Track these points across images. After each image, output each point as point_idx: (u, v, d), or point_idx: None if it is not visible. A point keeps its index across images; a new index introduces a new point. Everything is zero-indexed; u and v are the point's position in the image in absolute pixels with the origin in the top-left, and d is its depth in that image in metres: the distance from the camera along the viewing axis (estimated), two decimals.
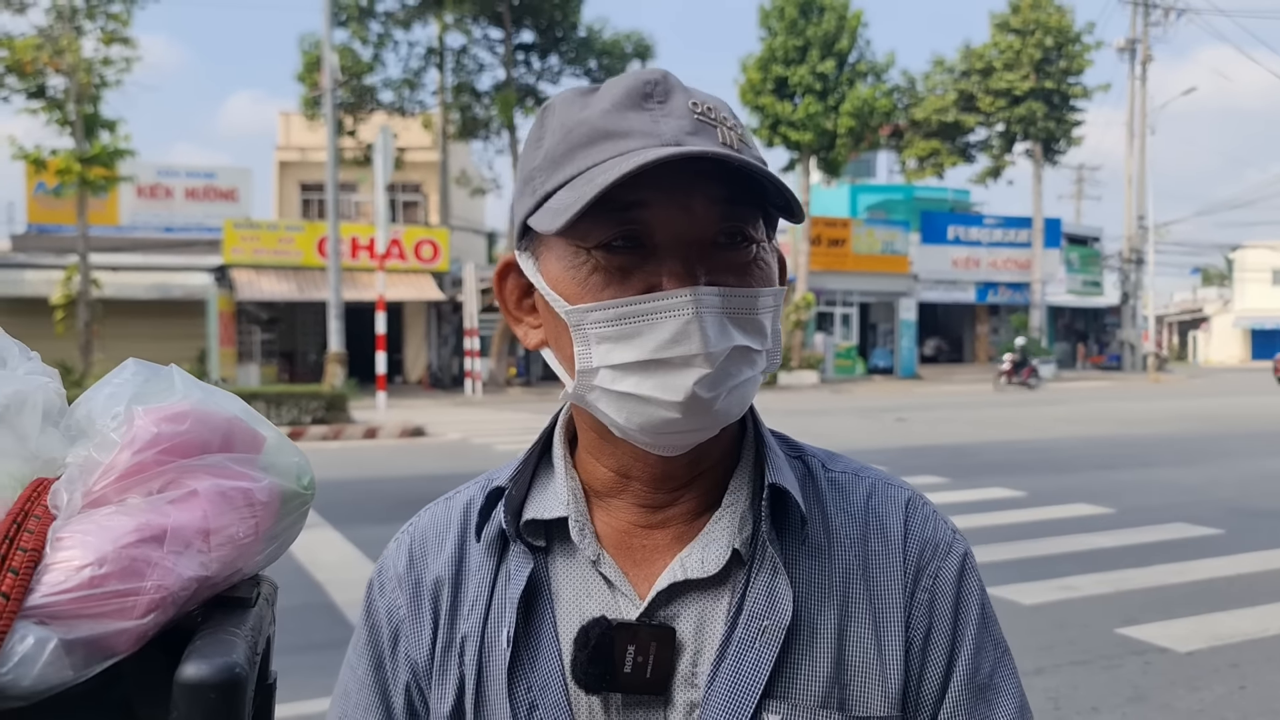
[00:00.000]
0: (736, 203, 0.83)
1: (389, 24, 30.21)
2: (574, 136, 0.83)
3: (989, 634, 0.93)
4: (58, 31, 20.41)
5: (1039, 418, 19.86)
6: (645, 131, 0.81)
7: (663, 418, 0.82)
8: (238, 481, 0.71)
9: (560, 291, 0.85)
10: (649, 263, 0.82)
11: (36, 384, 0.72)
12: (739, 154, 0.81)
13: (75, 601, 0.62)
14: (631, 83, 0.84)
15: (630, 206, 0.81)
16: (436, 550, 0.97)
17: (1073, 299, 42.43)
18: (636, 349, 0.81)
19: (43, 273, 24.94)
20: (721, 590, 0.89)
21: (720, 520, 0.90)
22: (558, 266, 0.85)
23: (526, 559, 0.91)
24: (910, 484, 1.00)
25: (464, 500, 1.00)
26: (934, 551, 0.93)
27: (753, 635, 0.86)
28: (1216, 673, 5.17)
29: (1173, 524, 8.87)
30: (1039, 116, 36.49)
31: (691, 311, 0.80)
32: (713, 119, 0.84)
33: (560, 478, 0.94)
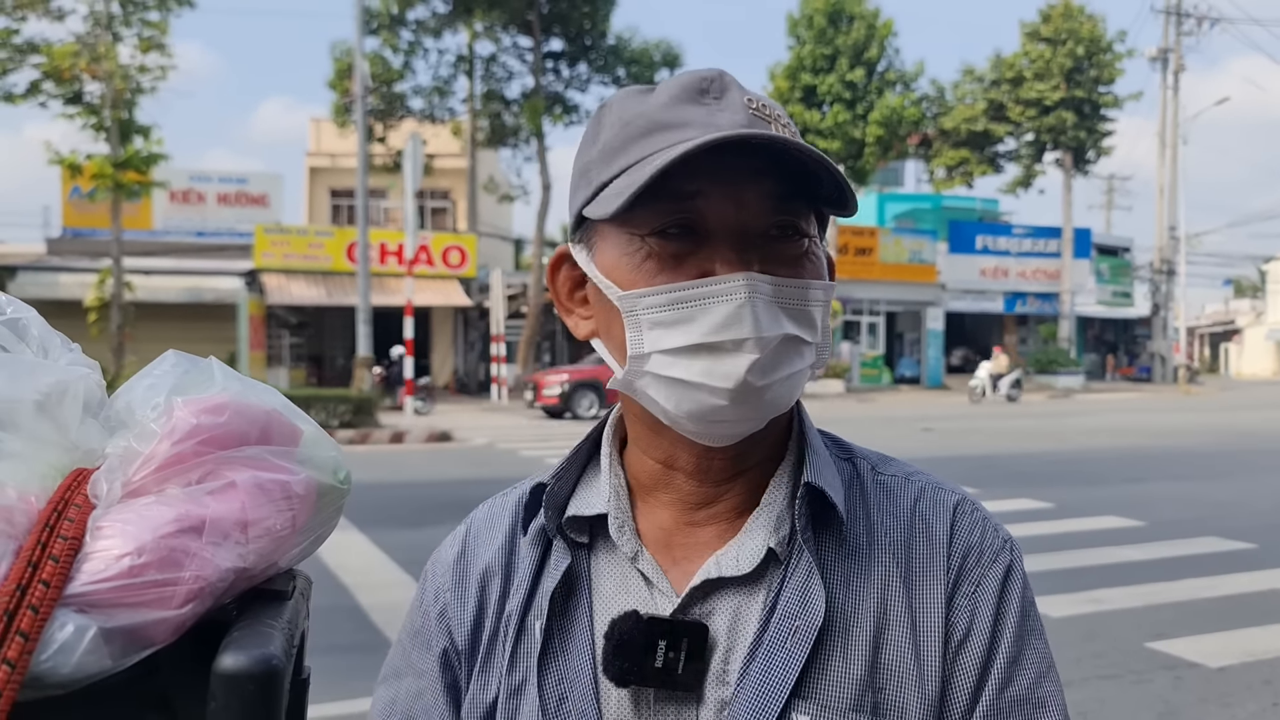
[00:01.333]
0: (789, 197, 0.85)
1: (420, 32, 30.41)
2: (631, 129, 0.85)
3: (1031, 647, 0.90)
4: (95, 38, 20.68)
5: (1068, 429, 19.68)
6: (702, 123, 0.83)
7: (712, 404, 0.83)
8: (275, 474, 0.71)
9: (614, 279, 0.86)
10: (702, 250, 0.83)
11: (77, 375, 0.73)
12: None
13: (114, 590, 0.62)
14: (688, 79, 0.86)
15: (685, 195, 0.82)
16: (488, 541, 0.99)
17: (1102, 310, 42.03)
18: (688, 333, 0.82)
19: (77, 276, 25.25)
20: (756, 589, 0.88)
21: (758, 519, 0.90)
22: (612, 254, 0.87)
23: (565, 554, 0.92)
24: (965, 490, 0.98)
25: (519, 494, 1.01)
26: (979, 558, 0.91)
27: (784, 635, 0.85)
28: (1249, 689, 5.09)
29: (1204, 538, 8.76)
30: (1069, 126, 36.21)
31: (744, 296, 0.81)
32: (767, 115, 0.86)
33: (605, 474, 0.95)
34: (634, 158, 0.84)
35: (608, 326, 0.89)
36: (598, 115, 0.91)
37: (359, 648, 5.37)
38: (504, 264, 34.19)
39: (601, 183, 0.86)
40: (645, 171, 0.80)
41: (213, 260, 28.51)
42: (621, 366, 0.87)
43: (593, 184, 0.87)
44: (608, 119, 0.89)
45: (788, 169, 0.83)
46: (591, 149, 0.89)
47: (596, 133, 0.89)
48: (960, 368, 39.58)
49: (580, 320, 0.94)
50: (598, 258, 0.88)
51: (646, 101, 0.87)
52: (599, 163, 0.87)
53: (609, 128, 0.88)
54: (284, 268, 28.19)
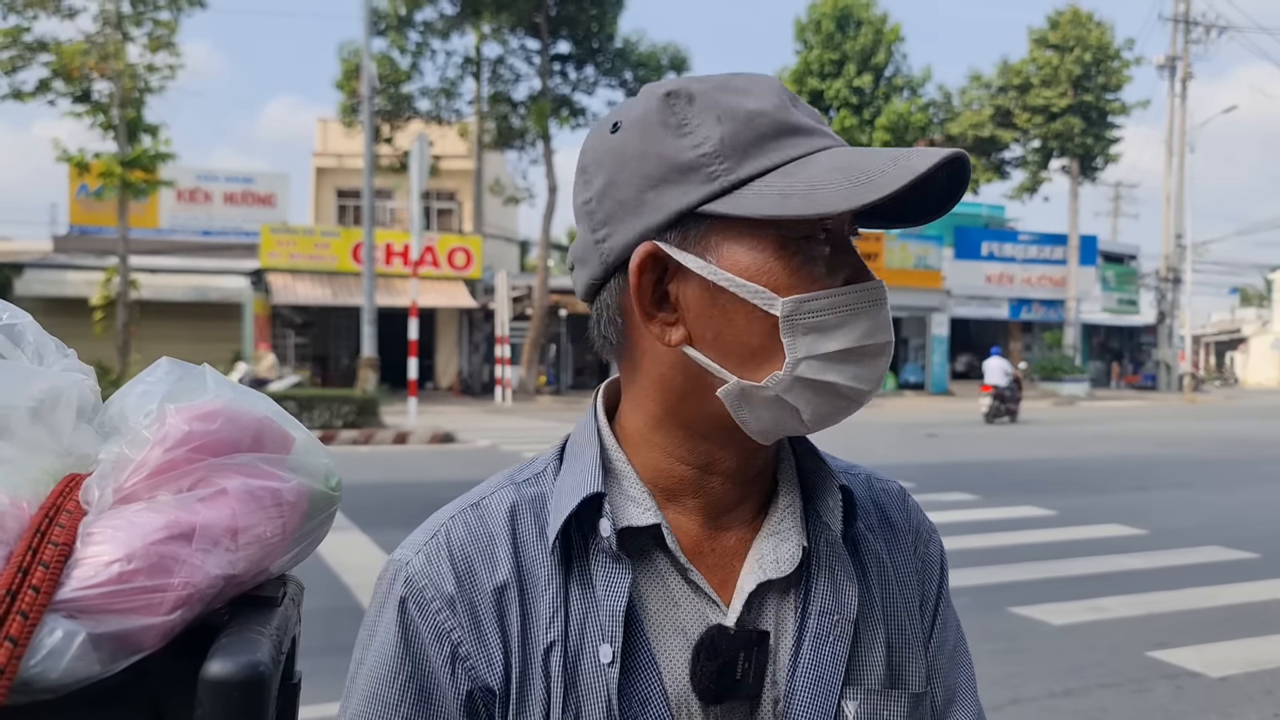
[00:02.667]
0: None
1: (427, 34, 30.47)
2: (758, 126, 0.82)
3: (950, 609, 1.01)
4: (105, 37, 20.75)
5: (1071, 436, 19.65)
6: (821, 131, 0.84)
7: (844, 407, 0.84)
8: (267, 481, 0.72)
9: (764, 283, 0.82)
10: (834, 255, 0.84)
11: (71, 380, 0.73)
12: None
13: (104, 596, 0.62)
14: (775, 83, 0.87)
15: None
16: (488, 564, 0.88)
17: (1108, 317, 42.01)
18: (843, 338, 0.82)
19: (83, 274, 25.33)
20: (789, 587, 0.90)
21: (784, 519, 0.91)
22: (753, 257, 0.82)
23: (621, 569, 0.86)
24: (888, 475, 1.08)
25: (504, 505, 0.92)
26: (926, 537, 1.01)
27: (826, 630, 0.88)
28: (1251, 699, 5.08)
29: (1207, 547, 8.73)
30: (1076, 133, 36.19)
31: (881, 299, 0.84)
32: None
33: (632, 482, 0.90)
34: (779, 158, 0.82)
35: (720, 331, 0.83)
36: (670, 106, 0.84)
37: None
38: (509, 266, 34.23)
39: (738, 179, 0.81)
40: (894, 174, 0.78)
41: (218, 259, 28.58)
42: (736, 374, 0.83)
43: (718, 180, 0.81)
44: (705, 113, 0.83)
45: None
46: (685, 142, 0.83)
47: (682, 125, 0.84)
48: (965, 374, 39.55)
49: (665, 327, 0.86)
50: (723, 260, 0.83)
51: (749, 100, 0.84)
52: (722, 158, 0.82)
53: (717, 121, 0.83)
54: (290, 267, 28.24)
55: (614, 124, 0.87)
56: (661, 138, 0.83)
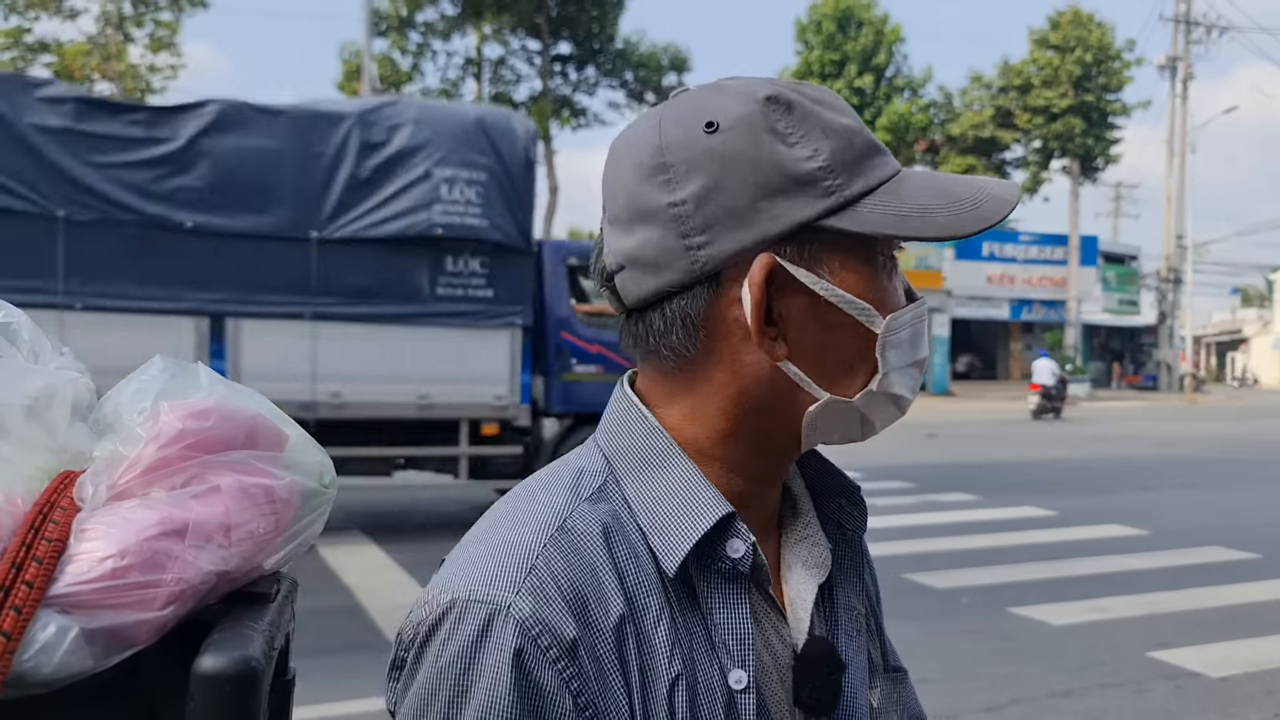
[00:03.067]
0: None
1: (428, 34, 30.50)
2: (858, 144, 0.82)
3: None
4: (106, 38, 20.78)
5: (1072, 436, 19.65)
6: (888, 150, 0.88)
7: (896, 415, 0.88)
8: (260, 478, 0.72)
9: (870, 300, 0.82)
10: (896, 273, 0.87)
11: (66, 379, 0.74)
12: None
13: (97, 592, 0.63)
14: (840, 99, 0.87)
15: None
16: (599, 599, 0.78)
17: (1109, 318, 42.00)
18: (911, 352, 0.86)
19: None
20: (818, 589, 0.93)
21: (809, 524, 0.93)
22: (857, 275, 0.82)
23: (739, 590, 0.82)
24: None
25: (595, 526, 0.81)
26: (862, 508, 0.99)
27: (854, 627, 0.92)
28: (1251, 700, 5.08)
29: (1208, 547, 8.73)
30: (1077, 133, 36.19)
31: (927, 314, 0.88)
32: None
33: (707, 494, 0.83)
34: (876, 178, 0.82)
35: (820, 348, 0.82)
36: (773, 112, 0.81)
37: (360, 649, 5.37)
38: None
39: (852, 195, 0.80)
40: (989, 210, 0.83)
41: None
42: (830, 389, 0.82)
43: (834, 195, 0.80)
44: (802, 124, 0.81)
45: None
46: (795, 153, 0.80)
47: (787, 134, 0.80)
48: (966, 374, 39.55)
49: (770, 342, 0.81)
50: (834, 276, 0.81)
51: (838, 113, 0.84)
52: (836, 174, 0.80)
53: (822, 136, 0.81)
54: None
55: (707, 123, 0.80)
56: (773, 145, 0.80)
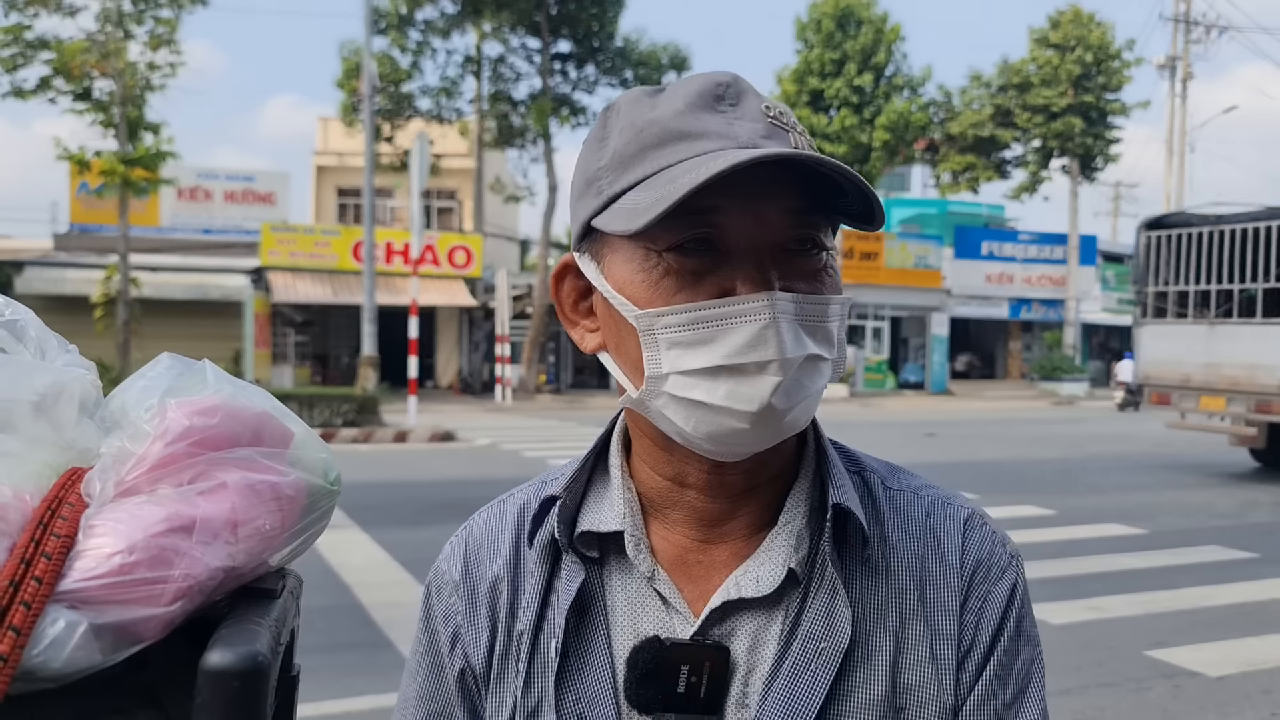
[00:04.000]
0: (809, 210, 0.82)
1: (428, 32, 30.44)
2: (645, 137, 0.81)
3: (1018, 659, 0.90)
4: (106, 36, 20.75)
5: (1071, 436, 19.65)
6: (720, 133, 0.80)
7: (732, 427, 0.80)
8: (266, 475, 0.73)
9: (629, 295, 0.82)
10: (722, 267, 0.80)
11: (73, 375, 0.74)
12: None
13: (105, 587, 0.63)
14: (703, 84, 0.83)
15: (703, 210, 0.79)
16: (491, 555, 0.96)
17: (1108, 317, 41.98)
18: (709, 355, 0.79)
19: (84, 272, 25.32)
20: (775, 610, 0.87)
21: (777, 538, 0.88)
22: (625, 269, 0.83)
23: (578, 570, 0.90)
24: (974, 503, 0.98)
25: (518, 504, 0.99)
26: (987, 572, 0.92)
27: (809, 657, 0.85)
28: (1248, 699, 5.09)
29: (1206, 546, 8.75)
30: (1076, 132, 36.17)
31: (768, 317, 0.78)
32: (785, 123, 0.83)
33: (616, 488, 0.92)
34: (650, 169, 0.80)
35: (618, 342, 0.86)
36: (603, 119, 0.87)
37: (360, 646, 5.38)
38: (509, 264, 34.23)
39: (614, 193, 0.82)
40: (669, 190, 0.76)
41: (219, 258, 28.57)
42: (634, 383, 0.84)
43: (603, 194, 0.83)
44: (616, 124, 0.85)
45: (809, 182, 0.80)
46: (599, 156, 0.85)
47: (603, 138, 0.85)
48: (965, 373, 39.54)
49: (586, 333, 0.90)
50: (608, 271, 0.84)
51: (658, 107, 0.83)
52: (610, 171, 0.83)
53: (619, 134, 0.84)
54: (290, 266, 28.23)
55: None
56: (591, 153, 0.86)
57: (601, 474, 0.95)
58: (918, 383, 36.39)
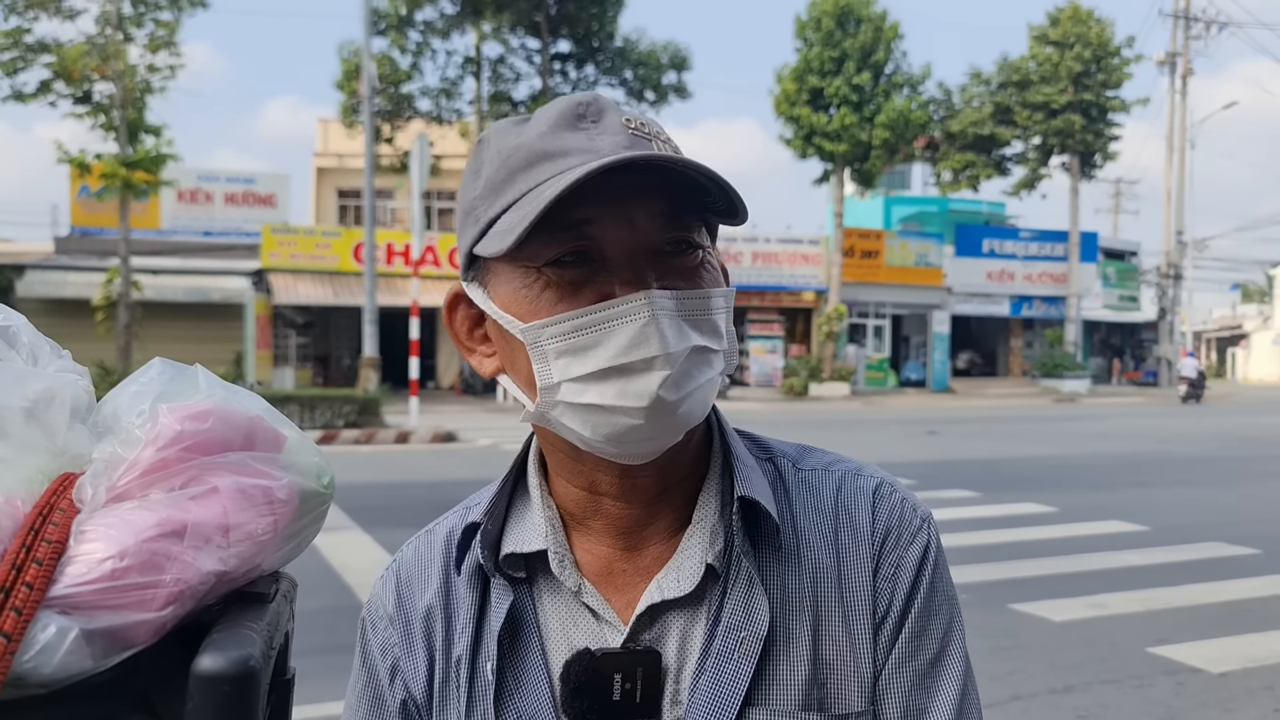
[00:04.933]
0: (679, 213, 0.85)
1: (427, 33, 30.47)
2: (512, 161, 0.84)
3: (935, 620, 0.92)
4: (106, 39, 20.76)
5: (1073, 433, 19.64)
6: (583, 149, 0.82)
7: (627, 425, 0.82)
8: (258, 479, 0.73)
9: (513, 313, 0.85)
10: (600, 275, 0.83)
11: (65, 381, 0.74)
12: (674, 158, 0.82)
13: (96, 593, 0.63)
14: (565, 105, 0.86)
15: (576, 223, 0.82)
16: (422, 585, 0.98)
17: (1109, 314, 41.96)
18: (596, 358, 0.81)
19: (85, 275, 25.35)
20: (699, 606, 0.90)
21: (692, 537, 0.91)
22: (508, 289, 0.86)
23: (507, 592, 0.92)
24: (884, 471, 1.00)
25: (445, 531, 1.00)
26: (897, 539, 0.93)
27: (730, 647, 0.87)
28: (1251, 695, 5.08)
29: (1208, 543, 8.74)
30: (1076, 129, 36.15)
31: (648, 314, 0.80)
32: (647, 133, 0.85)
33: (537, 507, 0.94)
34: (519, 191, 0.83)
35: (512, 362, 0.89)
36: (477, 151, 0.90)
37: None
38: None
39: (490, 219, 0.85)
40: (534, 205, 0.79)
41: (220, 260, 28.59)
42: (531, 400, 0.87)
43: (480, 221, 0.86)
44: (487, 154, 0.88)
45: (675, 185, 0.83)
46: (474, 186, 0.88)
47: (477, 169, 0.88)
48: (966, 371, 39.52)
49: (484, 359, 0.93)
50: (494, 294, 0.87)
51: (524, 132, 0.86)
52: (484, 199, 0.86)
53: (489, 163, 0.87)
54: (291, 267, 28.25)
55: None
56: (467, 185, 0.90)
57: (522, 494, 0.98)
58: (919, 381, 36.38)
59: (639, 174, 0.81)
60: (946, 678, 0.91)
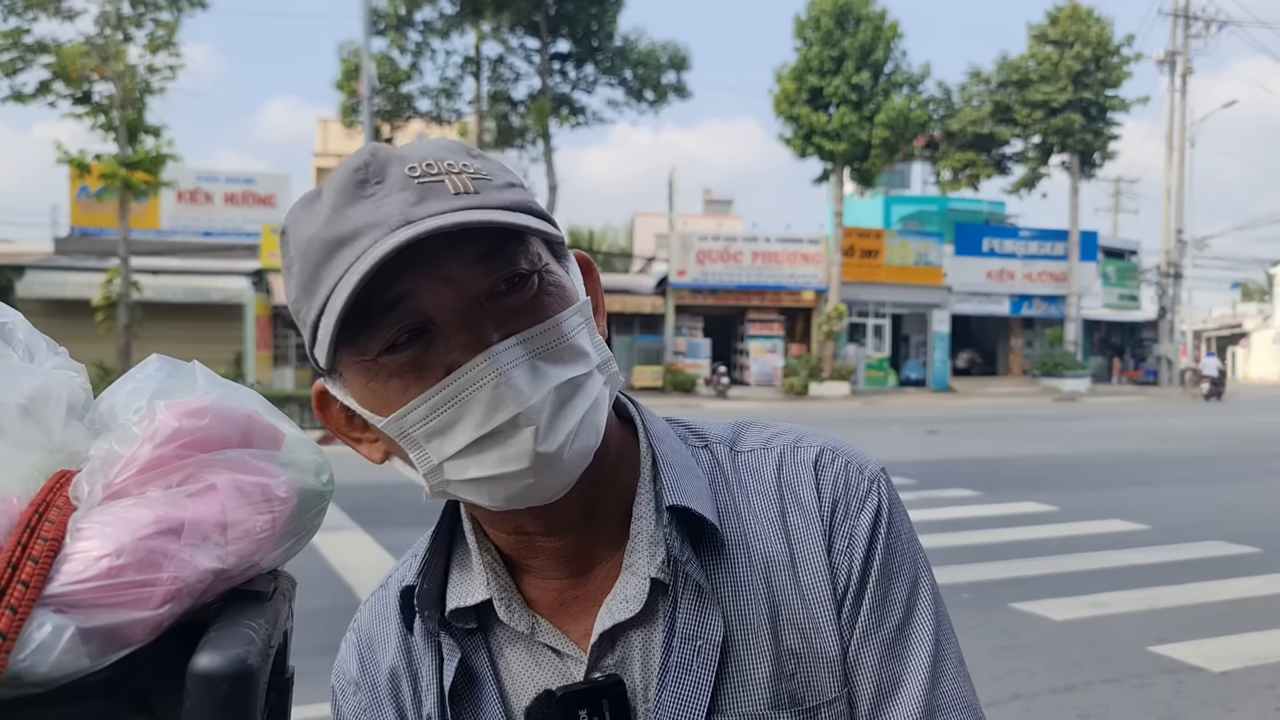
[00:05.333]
0: (496, 251, 0.79)
1: (427, 33, 30.48)
2: (310, 256, 0.79)
3: (897, 583, 0.88)
4: (105, 39, 20.75)
5: (1073, 432, 19.65)
6: (371, 224, 0.76)
7: (520, 486, 0.79)
8: (256, 477, 0.72)
9: (369, 408, 0.82)
10: (437, 345, 0.78)
11: (62, 378, 0.74)
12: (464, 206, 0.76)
13: (93, 591, 0.62)
14: (345, 175, 0.79)
15: (395, 302, 0.77)
16: (383, 645, 0.96)
17: (1109, 313, 41.95)
18: (463, 433, 0.78)
19: (84, 275, 25.34)
20: (654, 621, 0.87)
21: (633, 553, 0.87)
22: (358, 384, 0.82)
23: (454, 650, 0.90)
24: (826, 435, 0.95)
25: (397, 585, 0.97)
26: (845, 508, 0.89)
27: (687, 658, 0.84)
28: (1252, 694, 5.08)
29: (1209, 541, 8.74)
30: (1076, 128, 36.14)
31: (494, 374, 0.76)
32: (436, 174, 0.78)
33: (475, 556, 0.91)
34: (327, 288, 0.77)
35: (394, 448, 0.85)
36: (282, 245, 0.83)
37: None
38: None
39: (312, 323, 0.80)
40: (329, 320, 0.76)
41: (220, 260, 28.59)
42: (423, 482, 0.84)
43: (307, 325, 0.81)
44: (291, 251, 0.82)
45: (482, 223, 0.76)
46: (291, 288, 0.82)
47: (288, 267, 0.82)
48: (966, 370, 39.50)
49: (370, 446, 0.87)
50: (351, 390, 0.83)
51: (315, 215, 0.79)
52: (302, 302, 0.81)
53: (296, 261, 0.81)
54: None
55: None
56: (286, 284, 0.83)
57: (461, 542, 0.94)
58: (919, 380, 36.38)
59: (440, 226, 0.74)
60: (916, 640, 0.87)
